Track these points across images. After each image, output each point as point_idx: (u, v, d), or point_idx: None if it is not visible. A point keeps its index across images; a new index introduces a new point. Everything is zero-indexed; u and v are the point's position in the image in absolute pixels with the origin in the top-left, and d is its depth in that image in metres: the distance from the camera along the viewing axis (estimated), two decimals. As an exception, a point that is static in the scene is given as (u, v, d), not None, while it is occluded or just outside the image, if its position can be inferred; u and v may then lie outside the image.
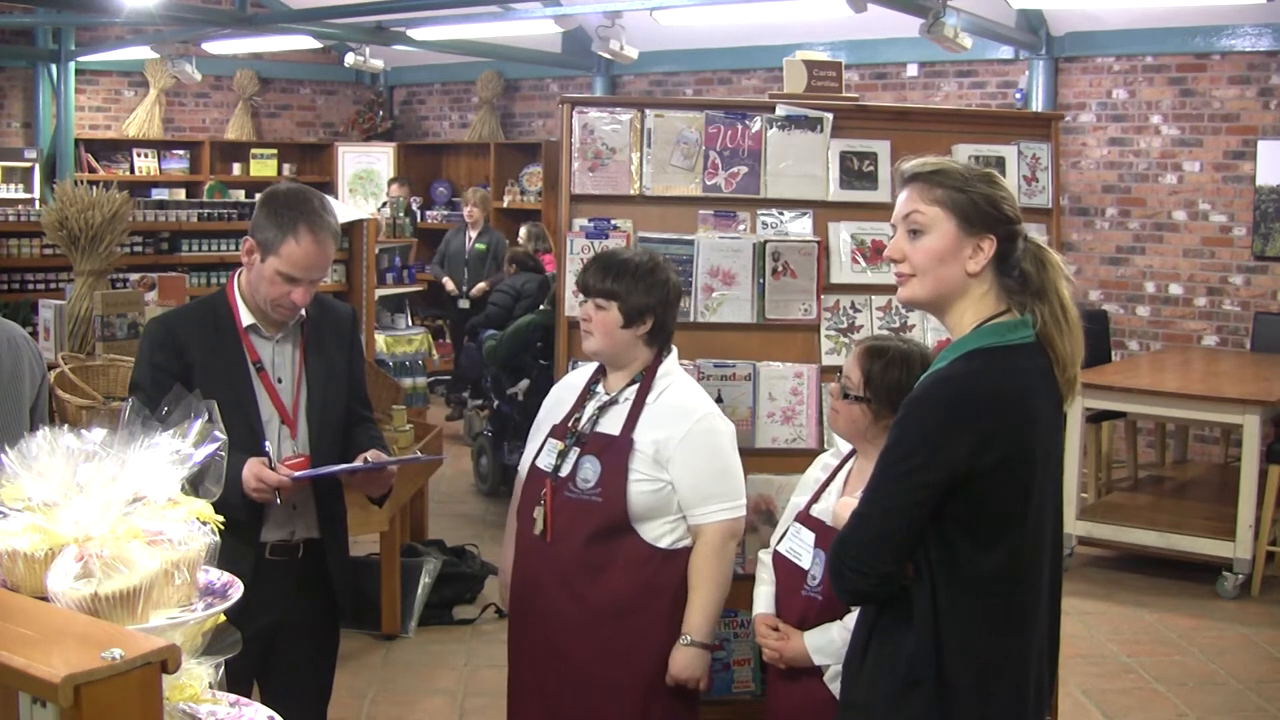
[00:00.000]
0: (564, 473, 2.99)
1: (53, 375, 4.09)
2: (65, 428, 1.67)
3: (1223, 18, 8.15)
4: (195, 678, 1.63)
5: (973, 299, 2.17)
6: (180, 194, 11.41)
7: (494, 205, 11.12)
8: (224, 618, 1.72)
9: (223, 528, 1.76)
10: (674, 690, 2.97)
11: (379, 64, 11.02)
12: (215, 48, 10.89)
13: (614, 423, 2.99)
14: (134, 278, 6.35)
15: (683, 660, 2.94)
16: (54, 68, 11.55)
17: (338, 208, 4.09)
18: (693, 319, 3.69)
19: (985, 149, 3.86)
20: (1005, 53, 9.19)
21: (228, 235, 7.23)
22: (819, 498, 2.96)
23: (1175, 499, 7.13)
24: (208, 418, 1.83)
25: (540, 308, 7.35)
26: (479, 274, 9.86)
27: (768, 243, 3.74)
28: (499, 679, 3.20)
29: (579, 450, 2.99)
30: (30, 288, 6.75)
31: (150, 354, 2.95)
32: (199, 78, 10.50)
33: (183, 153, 12.34)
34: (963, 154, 3.77)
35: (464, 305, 9.80)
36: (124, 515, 1.62)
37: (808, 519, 2.93)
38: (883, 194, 3.80)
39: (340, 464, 2.97)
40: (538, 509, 3.00)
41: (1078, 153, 8.90)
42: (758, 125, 3.79)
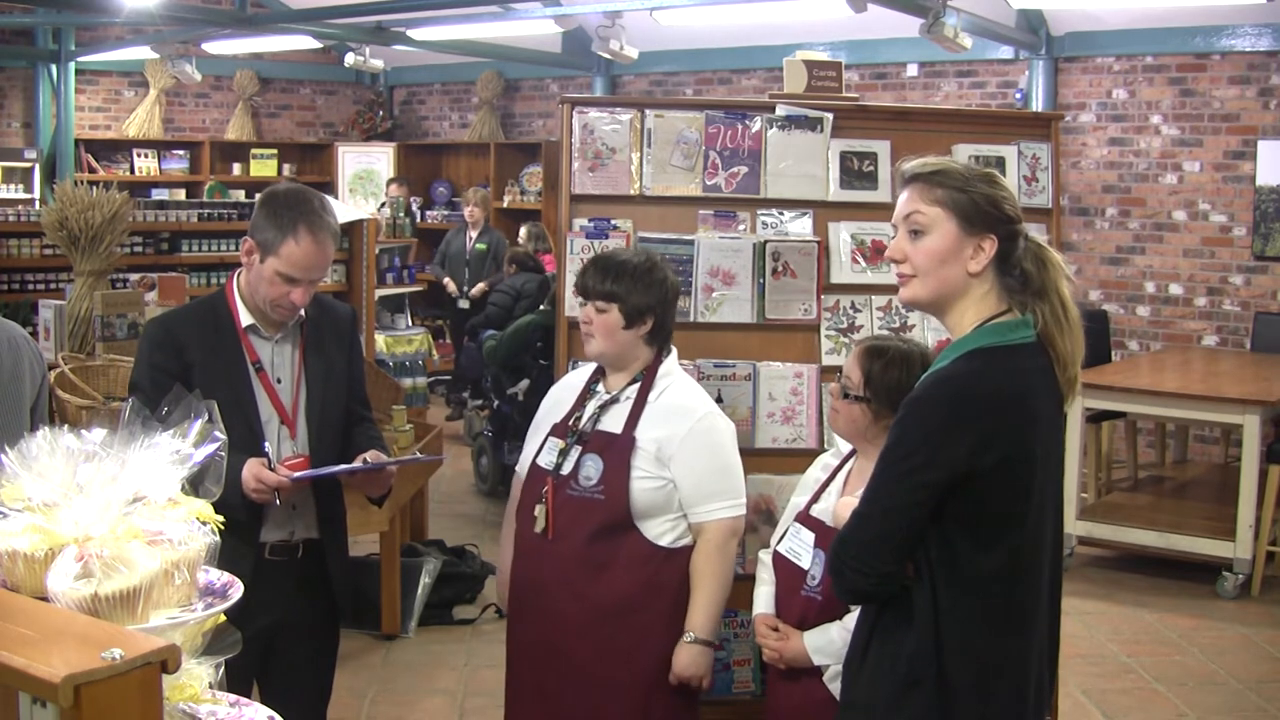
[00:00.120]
0: (565, 471, 2.99)
1: (53, 375, 4.09)
2: (65, 428, 1.67)
3: (1223, 18, 8.15)
4: (195, 678, 1.63)
5: (974, 299, 2.17)
6: (180, 194, 11.41)
7: (494, 205, 11.12)
8: (224, 618, 1.71)
9: (222, 528, 1.76)
10: (675, 689, 2.97)
11: (379, 64, 11.02)
12: (215, 48, 10.89)
13: (616, 421, 2.99)
14: (134, 278, 6.35)
15: (686, 658, 2.94)
16: (54, 68, 11.54)
17: (338, 208, 4.09)
18: (693, 319, 3.69)
19: (985, 149, 3.86)
20: (1005, 53, 9.19)
21: (228, 235, 7.23)
22: (819, 498, 2.96)
23: (1175, 499, 7.13)
24: (208, 418, 1.82)
25: (540, 308, 7.35)
26: (479, 274, 9.85)
27: (768, 243, 3.73)
28: (499, 679, 3.20)
29: (581, 448, 2.99)
30: (30, 288, 6.76)
31: (149, 354, 2.95)
32: (199, 78, 10.50)
33: (183, 153, 12.34)
34: (963, 154, 3.77)
35: (464, 305, 9.80)
36: (124, 515, 1.62)
37: (807, 519, 2.93)
38: (883, 194, 3.80)
39: (340, 464, 2.97)
40: (539, 507, 3.00)
41: (1078, 153, 8.90)
42: (758, 125, 3.79)
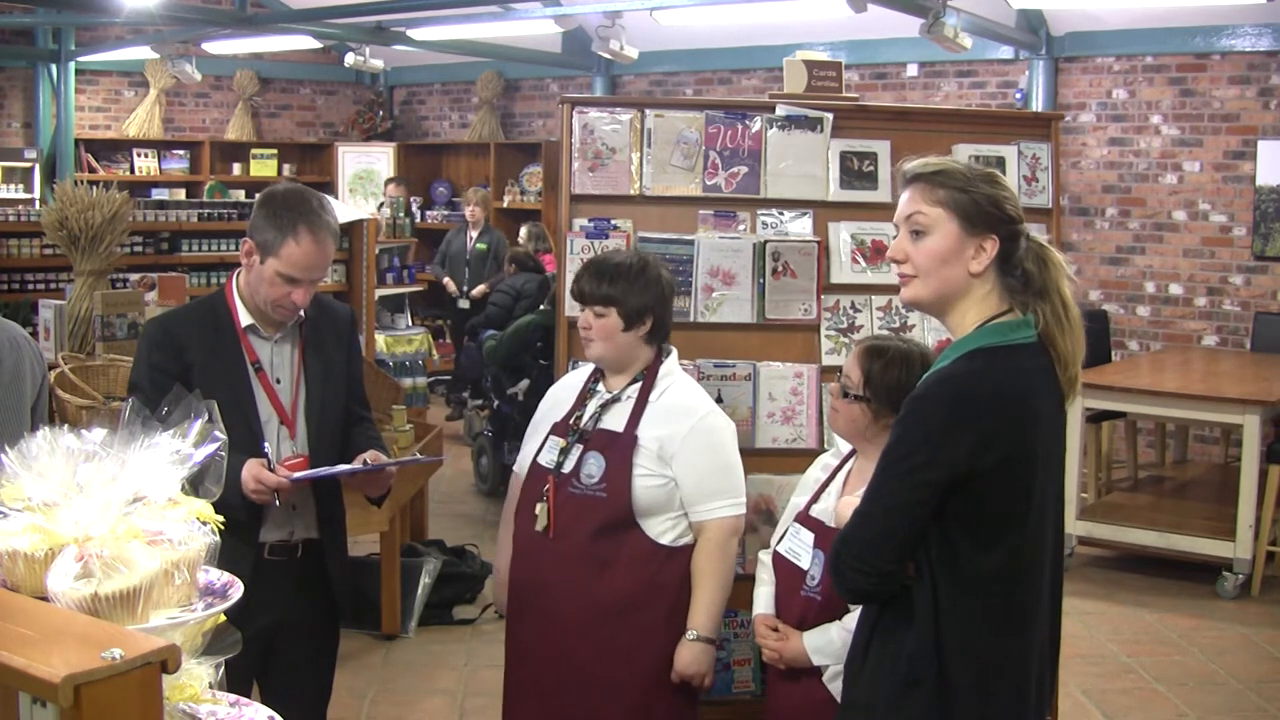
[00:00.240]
0: (567, 469, 2.99)
1: (53, 375, 4.09)
2: (65, 428, 1.67)
3: (1223, 18, 8.15)
4: (195, 678, 1.63)
5: (975, 299, 2.17)
6: (180, 194, 11.41)
7: (494, 205, 11.12)
8: (224, 618, 1.71)
9: (222, 528, 1.76)
10: (675, 688, 2.97)
11: (379, 64, 11.02)
12: (215, 48, 10.89)
13: (617, 419, 2.99)
14: (134, 278, 6.35)
15: (688, 656, 2.94)
16: (54, 68, 11.54)
17: (338, 208, 4.09)
18: (693, 319, 3.69)
19: (985, 149, 3.86)
20: (1005, 53, 9.19)
21: (228, 235, 7.24)
22: (818, 498, 2.96)
23: (1175, 499, 7.13)
24: (208, 418, 1.82)
25: (540, 308, 7.35)
26: (480, 274, 9.85)
27: (768, 243, 3.73)
28: (499, 679, 3.19)
29: (582, 447, 2.99)
30: (30, 288, 6.76)
31: (148, 354, 2.94)
32: (199, 78, 10.50)
33: (183, 153, 12.34)
34: (963, 154, 3.76)
35: (464, 305, 9.80)
36: (124, 515, 1.62)
37: (807, 519, 2.93)
38: (883, 194, 3.80)
39: (340, 464, 2.97)
40: (540, 505, 3.00)
41: (1078, 153, 8.90)
42: (758, 125, 3.79)
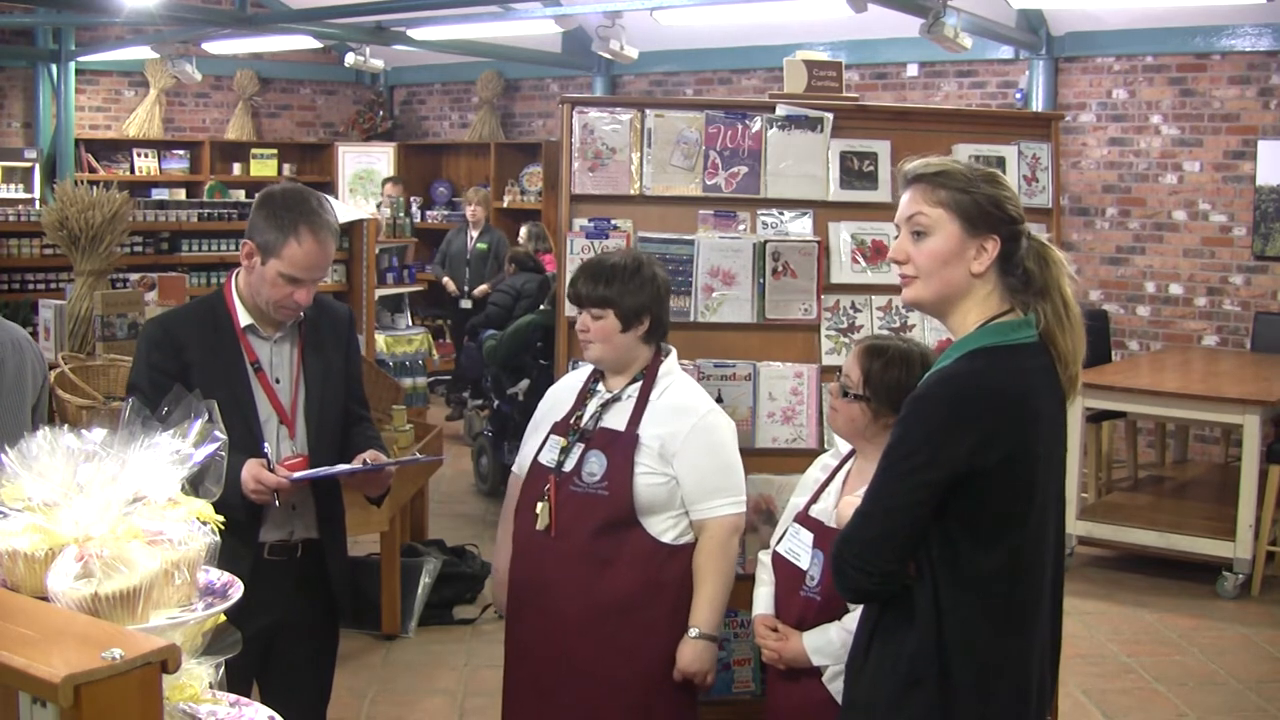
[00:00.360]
0: (568, 468, 2.99)
1: (53, 375, 4.09)
2: (65, 428, 1.67)
3: (1223, 18, 8.15)
4: (195, 678, 1.63)
5: (976, 299, 2.17)
6: (180, 194, 11.41)
7: (494, 205, 11.12)
8: (224, 618, 1.71)
9: (222, 528, 1.76)
10: (676, 687, 2.97)
11: (379, 64, 11.02)
12: (215, 48, 10.89)
13: (618, 418, 3.00)
14: (134, 278, 6.36)
15: (691, 653, 2.94)
16: (54, 68, 11.54)
17: (338, 208, 4.09)
18: (693, 319, 3.69)
19: (985, 149, 3.86)
20: (1005, 53, 9.19)
21: (228, 235, 7.24)
22: (818, 498, 2.96)
23: (1175, 499, 7.13)
24: (208, 418, 1.82)
25: (540, 308, 7.35)
26: (480, 273, 9.85)
27: (768, 243, 3.73)
28: (499, 679, 3.19)
29: (583, 446, 3.00)
30: (30, 288, 6.76)
31: (147, 354, 2.94)
32: (199, 78, 10.50)
33: (183, 153, 12.34)
34: (963, 154, 3.76)
35: (465, 305, 9.80)
36: (124, 515, 1.61)
37: (806, 519, 2.93)
38: (883, 194, 3.80)
39: (339, 464, 2.97)
40: (541, 504, 3.00)
41: (1078, 153, 8.90)
42: (758, 125, 3.79)
